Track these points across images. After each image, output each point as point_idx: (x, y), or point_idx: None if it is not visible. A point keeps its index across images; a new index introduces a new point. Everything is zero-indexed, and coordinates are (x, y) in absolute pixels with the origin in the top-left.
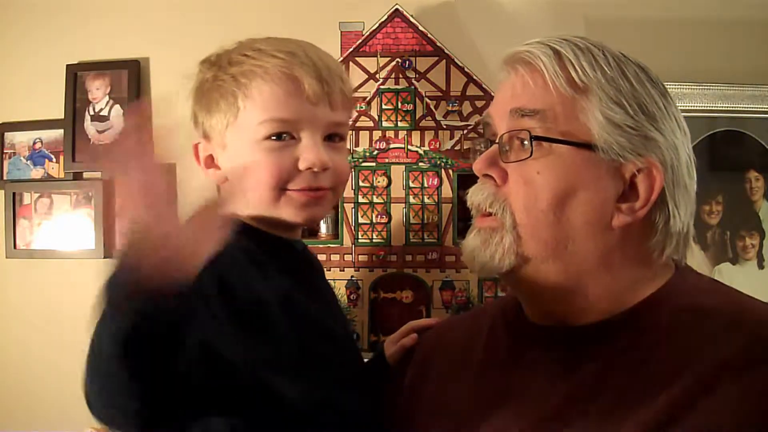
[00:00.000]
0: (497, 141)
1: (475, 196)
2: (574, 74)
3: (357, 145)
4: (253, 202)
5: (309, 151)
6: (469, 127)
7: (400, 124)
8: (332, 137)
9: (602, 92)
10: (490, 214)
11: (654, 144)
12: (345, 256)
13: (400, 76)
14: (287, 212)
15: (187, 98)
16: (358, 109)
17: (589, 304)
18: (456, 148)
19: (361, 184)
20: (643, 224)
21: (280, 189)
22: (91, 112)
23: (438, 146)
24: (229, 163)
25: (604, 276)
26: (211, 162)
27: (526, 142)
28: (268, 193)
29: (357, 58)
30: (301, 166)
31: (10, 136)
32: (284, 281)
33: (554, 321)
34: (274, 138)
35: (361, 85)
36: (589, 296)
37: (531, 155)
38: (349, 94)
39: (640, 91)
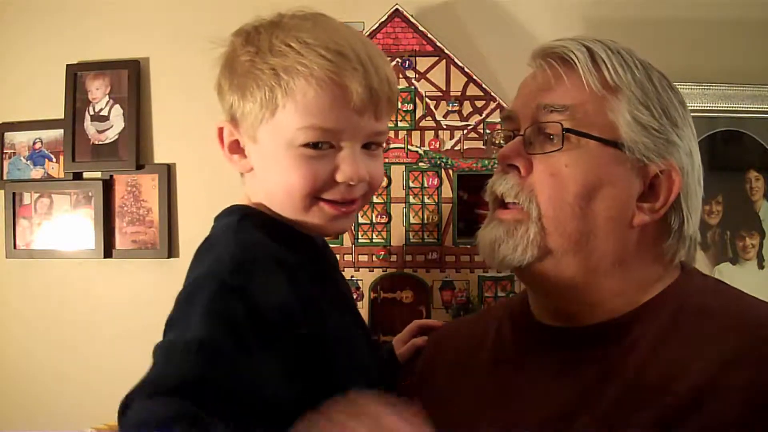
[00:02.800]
0: (522, 133)
1: (499, 185)
2: (606, 74)
3: None
4: (281, 204)
5: (348, 165)
6: (469, 127)
7: (400, 124)
8: (369, 145)
9: (631, 93)
10: (511, 206)
11: (675, 148)
12: (345, 256)
13: (400, 76)
14: (315, 221)
15: (216, 65)
16: None
17: (600, 301)
18: (456, 148)
19: None
20: (658, 226)
21: (313, 197)
22: (91, 112)
23: (438, 146)
24: (261, 159)
25: (618, 274)
26: (236, 147)
27: (554, 136)
28: (299, 201)
29: None
30: (339, 178)
31: (10, 136)
32: (311, 288)
33: (562, 320)
34: (312, 145)
35: None
36: (602, 293)
37: (562, 147)
38: (396, 99)
39: (664, 96)
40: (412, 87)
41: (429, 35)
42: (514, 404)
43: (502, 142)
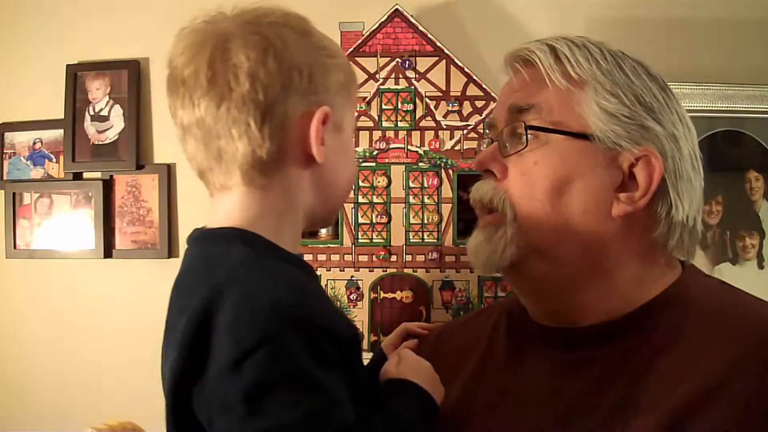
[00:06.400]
0: (497, 138)
1: (476, 192)
2: (569, 68)
3: (357, 145)
4: (340, 195)
5: None
6: (469, 127)
7: (400, 124)
8: None
9: (597, 84)
10: (492, 211)
11: (652, 134)
12: (345, 256)
13: (400, 76)
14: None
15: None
16: (358, 108)
17: (592, 301)
18: (456, 148)
19: (361, 184)
20: (645, 216)
21: None
22: (91, 112)
23: (438, 146)
24: (341, 147)
25: (606, 269)
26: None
27: (523, 136)
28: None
29: (357, 58)
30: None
31: (10, 136)
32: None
33: (558, 321)
34: None
35: (361, 85)
36: (592, 291)
37: (526, 146)
38: None
39: (637, 83)
40: (412, 87)
41: (429, 35)
42: (510, 406)
43: (485, 148)
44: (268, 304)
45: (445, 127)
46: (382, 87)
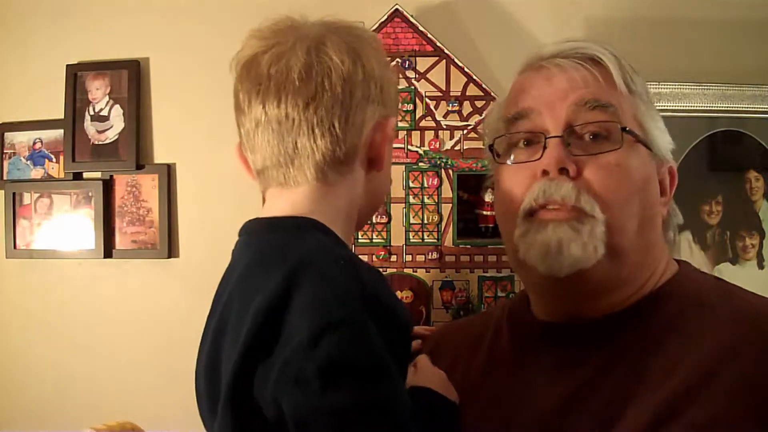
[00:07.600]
0: (560, 134)
1: (556, 191)
2: (627, 76)
3: None
4: (379, 201)
5: None
6: (469, 127)
7: (400, 124)
8: None
9: (643, 95)
10: (555, 209)
11: (670, 147)
12: None
13: (400, 76)
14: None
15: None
16: None
17: (619, 299)
18: (456, 148)
19: None
20: (666, 220)
21: None
22: (91, 112)
23: (438, 146)
24: (389, 154)
25: (648, 266)
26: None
27: (603, 134)
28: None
29: None
30: None
31: (10, 136)
32: None
33: (565, 318)
34: None
35: None
36: (626, 290)
37: (621, 146)
38: None
39: (651, 96)
40: (412, 87)
41: (429, 35)
42: (512, 403)
43: (522, 143)
44: (348, 286)
45: (445, 127)
46: None
